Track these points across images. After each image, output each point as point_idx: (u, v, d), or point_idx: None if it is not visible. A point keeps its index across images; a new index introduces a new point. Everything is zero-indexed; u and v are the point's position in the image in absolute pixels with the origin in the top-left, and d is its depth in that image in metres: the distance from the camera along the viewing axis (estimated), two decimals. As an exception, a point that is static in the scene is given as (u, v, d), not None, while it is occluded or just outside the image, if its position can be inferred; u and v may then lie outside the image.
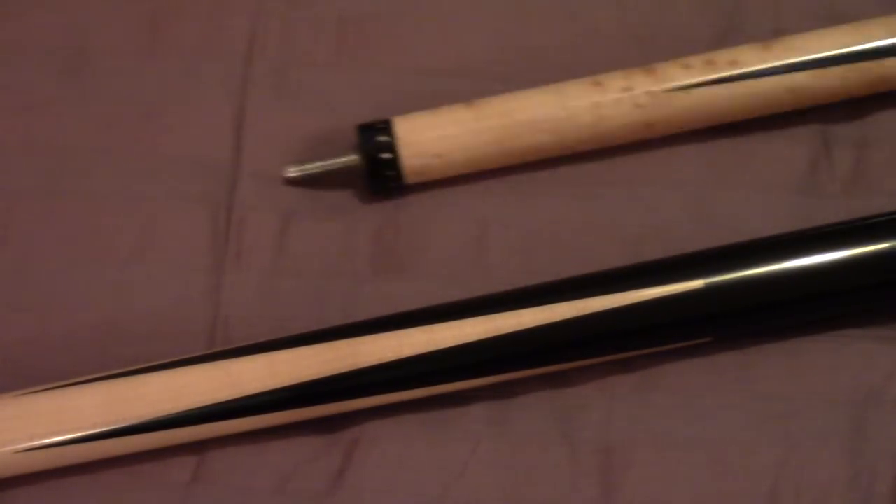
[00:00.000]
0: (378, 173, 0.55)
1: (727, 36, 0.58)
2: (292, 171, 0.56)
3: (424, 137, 0.54)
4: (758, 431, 0.51)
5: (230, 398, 0.49)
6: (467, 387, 0.51)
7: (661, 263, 0.52)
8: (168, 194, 0.56)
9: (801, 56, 0.55)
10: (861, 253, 0.50)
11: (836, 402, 0.51)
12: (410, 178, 0.55)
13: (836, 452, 0.50)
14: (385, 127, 0.54)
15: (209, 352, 0.51)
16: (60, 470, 0.50)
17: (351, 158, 0.55)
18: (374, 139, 0.54)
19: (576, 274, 0.52)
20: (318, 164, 0.55)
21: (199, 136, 0.57)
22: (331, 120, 0.57)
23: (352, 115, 0.57)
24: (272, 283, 0.54)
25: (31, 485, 0.50)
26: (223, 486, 0.50)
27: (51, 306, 0.54)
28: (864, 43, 0.55)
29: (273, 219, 0.55)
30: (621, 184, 0.56)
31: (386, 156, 0.54)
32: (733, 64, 0.55)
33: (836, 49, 0.55)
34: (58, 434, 0.48)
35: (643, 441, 0.51)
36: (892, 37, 0.55)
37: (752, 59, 0.55)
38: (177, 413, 0.48)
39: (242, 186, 0.56)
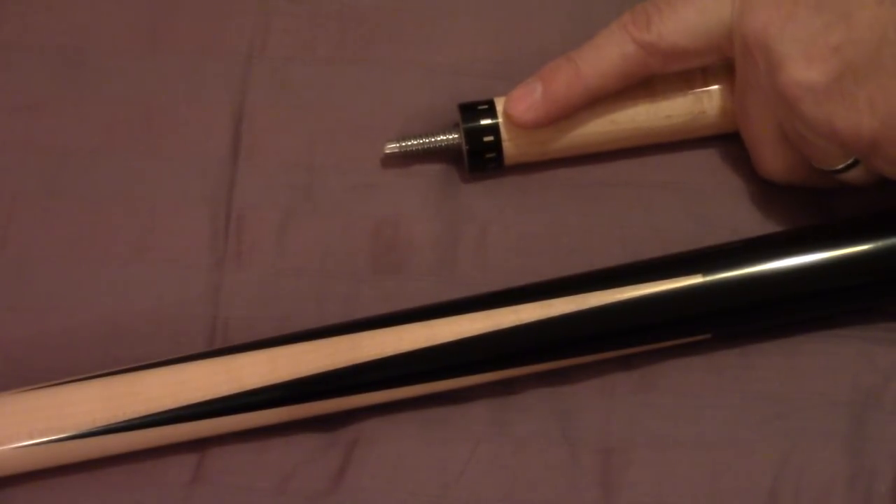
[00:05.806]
0: (479, 154, 0.55)
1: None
2: (391, 147, 0.55)
3: None
4: (757, 431, 0.51)
5: (230, 393, 0.49)
6: (466, 384, 0.51)
7: (659, 259, 0.52)
8: (168, 194, 0.56)
9: None
10: (863, 249, 0.50)
11: (836, 402, 0.51)
12: (511, 160, 0.55)
13: (836, 452, 0.50)
14: (488, 107, 0.54)
15: (209, 349, 0.51)
16: (60, 469, 0.50)
17: (452, 137, 0.55)
18: (478, 119, 0.54)
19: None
20: (419, 141, 0.55)
21: (199, 136, 0.57)
22: (332, 118, 0.57)
23: (352, 113, 0.57)
24: (272, 283, 0.54)
25: (30, 484, 0.50)
26: (223, 486, 0.50)
27: (50, 306, 0.54)
28: None
29: (273, 218, 0.55)
30: (621, 185, 0.56)
31: (488, 138, 0.54)
32: None
33: None
34: (57, 430, 0.48)
35: (643, 441, 0.51)
36: None
37: None
38: (176, 408, 0.48)
39: (242, 185, 0.56)
